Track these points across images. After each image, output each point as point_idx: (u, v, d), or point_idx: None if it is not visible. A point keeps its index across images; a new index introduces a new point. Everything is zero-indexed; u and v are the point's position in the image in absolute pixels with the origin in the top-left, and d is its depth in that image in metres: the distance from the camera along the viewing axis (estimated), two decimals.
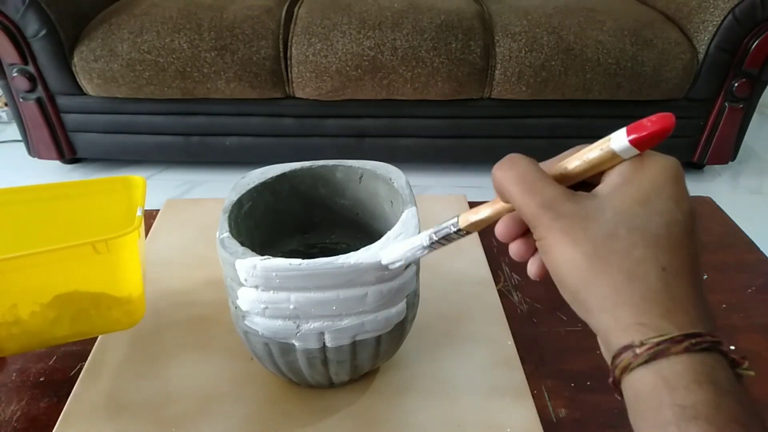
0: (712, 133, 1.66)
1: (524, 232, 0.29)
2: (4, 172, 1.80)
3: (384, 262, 0.36)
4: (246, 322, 0.39)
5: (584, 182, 0.28)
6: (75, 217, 0.51)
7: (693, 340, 0.23)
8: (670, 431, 0.22)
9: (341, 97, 1.57)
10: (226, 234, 0.39)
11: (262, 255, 0.36)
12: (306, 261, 0.36)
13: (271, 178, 0.46)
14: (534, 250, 0.29)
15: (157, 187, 1.73)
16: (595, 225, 0.25)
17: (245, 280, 0.37)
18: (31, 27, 1.45)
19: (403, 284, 0.39)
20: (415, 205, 0.41)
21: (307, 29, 1.52)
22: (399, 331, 0.41)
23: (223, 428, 0.42)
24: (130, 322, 0.48)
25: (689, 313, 0.24)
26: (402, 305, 0.40)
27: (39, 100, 1.57)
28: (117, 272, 0.44)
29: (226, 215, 0.41)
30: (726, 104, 1.60)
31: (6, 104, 1.69)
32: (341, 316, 0.38)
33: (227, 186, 0.45)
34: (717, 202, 0.70)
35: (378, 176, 0.47)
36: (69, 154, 1.69)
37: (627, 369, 0.23)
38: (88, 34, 1.51)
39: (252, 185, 0.45)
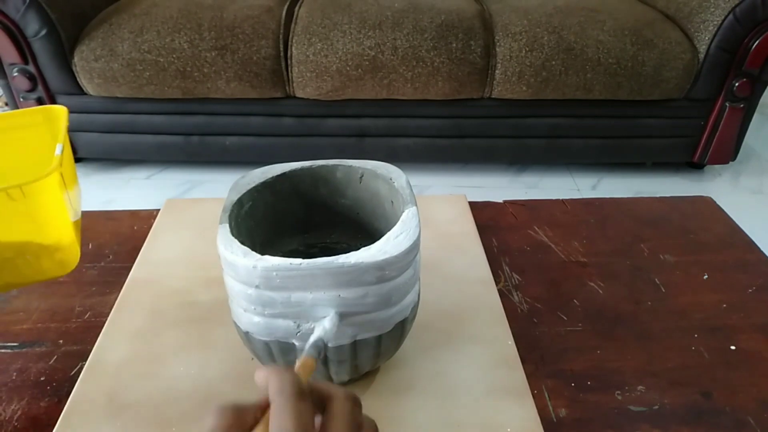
0: (713, 133, 1.66)
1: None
2: None
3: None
4: (246, 322, 0.39)
5: None
6: None
7: None
8: None
9: (341, 96, 1.57)
10: (227, 234, 0.39)
11: (262, 255, 0.36)
12: (306, 261, 0.36)
13: (271, 178, 0.46)
14: None
15: (157, 187, 1.73)
16: None
17: (245, 279, 0.37)
18: (32, 27, 1.45)
19: (403, 284, 0.39)
20: (416, 205, 0.41)
21: (307, 29, 1.52)
22: (399, 331, 0.41)
23: None
24: (62, 270, 0.45)
25: None
26: (402, 305, 0.40)
27: (39, 100, 1.57)
28: (39, 219, 0.41)
29: (226, 215, 0.41)
30: (726, 104, 1.60)
31: (6, 104, 1.69)
32: (341, 316, 0.38)
33: (227, 186, 0.45)
34: (717, 202, 0.70)
35: (378, 176, 0.47)
36: None
37: None
38: (89, 33, 1.51)
39: (252, 185, 0.45)
